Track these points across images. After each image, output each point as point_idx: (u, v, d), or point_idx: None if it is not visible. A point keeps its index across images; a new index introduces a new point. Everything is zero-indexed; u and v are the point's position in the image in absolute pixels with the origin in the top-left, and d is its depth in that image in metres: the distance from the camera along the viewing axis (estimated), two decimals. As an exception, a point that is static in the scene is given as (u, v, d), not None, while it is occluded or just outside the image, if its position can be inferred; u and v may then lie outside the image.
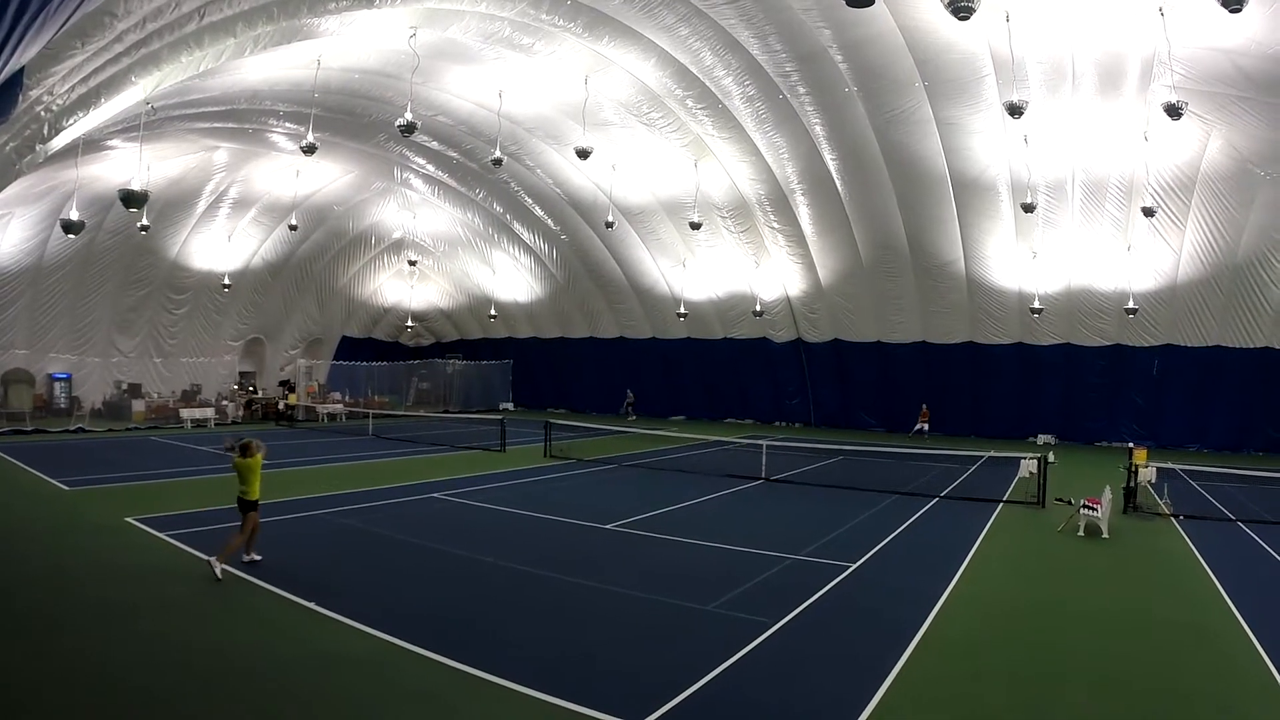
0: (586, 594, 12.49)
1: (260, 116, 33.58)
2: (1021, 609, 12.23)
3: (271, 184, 42.80)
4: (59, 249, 39.03)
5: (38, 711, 7.94)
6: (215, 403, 46.15)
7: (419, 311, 61.31)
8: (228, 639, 10.09)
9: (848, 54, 28.87)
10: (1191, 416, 38.04)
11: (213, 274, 46.17)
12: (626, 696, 8.52)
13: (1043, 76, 27.57)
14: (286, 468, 26.50)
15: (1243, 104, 26.88)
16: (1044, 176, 32.69)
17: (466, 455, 31.60)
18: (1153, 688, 9.17)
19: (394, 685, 8.78)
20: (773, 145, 35.45)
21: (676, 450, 34.15)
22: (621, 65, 31.41)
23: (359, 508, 19.43)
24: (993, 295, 39.46)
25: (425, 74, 30.37)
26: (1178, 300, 35.99)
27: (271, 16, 20.88)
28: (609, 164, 38.79)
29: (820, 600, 12.27)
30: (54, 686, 8.47)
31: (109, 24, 15.82)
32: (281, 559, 13.98)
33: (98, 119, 21.11)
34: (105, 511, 17.90)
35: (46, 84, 16.61)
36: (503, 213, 47.99)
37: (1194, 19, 22.96)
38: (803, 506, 21.28)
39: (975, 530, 18.03)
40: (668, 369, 53.11)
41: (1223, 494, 24.12)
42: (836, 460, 31.07)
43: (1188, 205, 32.27)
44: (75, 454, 29.02)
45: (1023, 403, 41.81)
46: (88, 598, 11.57)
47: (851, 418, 46.99)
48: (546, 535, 17.08)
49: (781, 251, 42.12)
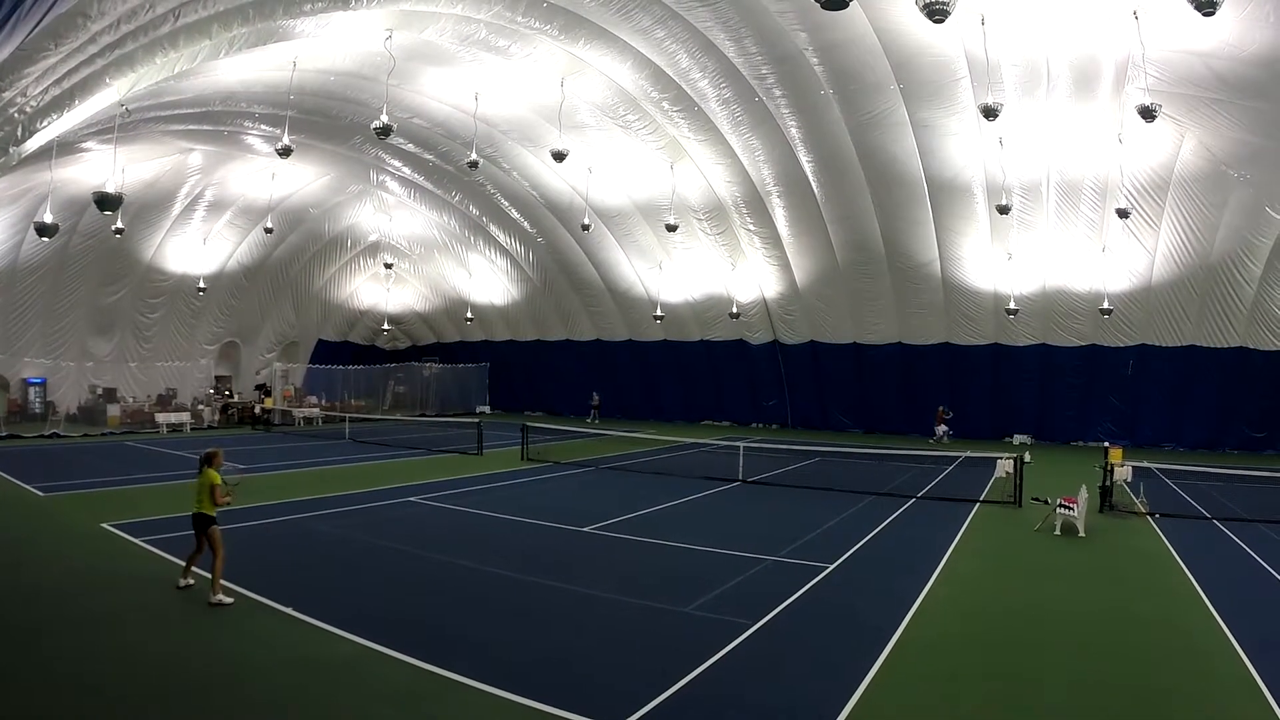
0: (565, 597, 12.44)
1: (236, 119, 33.40)
2: (998, 609, 12.27)
3: (247, 186, 42.56)
4: (33, 252, 38.68)
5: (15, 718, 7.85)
6: (191, 407, 45.87)
7: (395, 315, 61.03)
8: (205, 645, 9.99)
9: (823, 56, 28.94)
10: (1167, 416, 38.41)
11: (188, 277, 45.88)
12: (605, 699, 8.49)
13: (1018, 79, 27.72)
14: (263, 472, 26.34)
15: (1216, 106, 27.12)
16: (1019, 178, 32.86)
17: (443, 459, 31.49)
18: (1130, 686, 9.20)
19: (371, 689, 8.71)
20: (749, 148, 35.50)
21: (654, 452, 34.14)
22: (598, 68, 31.37)
23: (335, 512, 19.33)
24: (968, 296, 39.64)
25: (401, 76, 30.28)
26: (1152, 301, 36.27)
27: (247, 18, 20.78)
28: (585, 167, 38.77)
29: (798, 601, 12.27)
30: (30, 694, 8.37)
31: (83, 25, 15.71)
32: (258, 564, 13.86)
33: (72, 121, 20.96)
34: (81, 517, 17.74)
35: (20, 85, 16.48)
36: (479, 215, 47.85)
37: (1168, 22, 23.13)
38: (780, 508, 21.32)
39: (952, 530, 18.10)
40: (644, 371, 53.17)
41: (1198, 492, 24.31)
42: (813, 461, 31.15)
43: (1162, 206, 32.54)
44: (50, 459, 28.77)
45: (999, 403, 42.08)
46: (63, 604, 11.44)
47: (828, 419, 47.11)
48: (524, 538, 17.01)
49: (758, 253, 42.17)
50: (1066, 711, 8.49)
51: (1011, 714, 8.45)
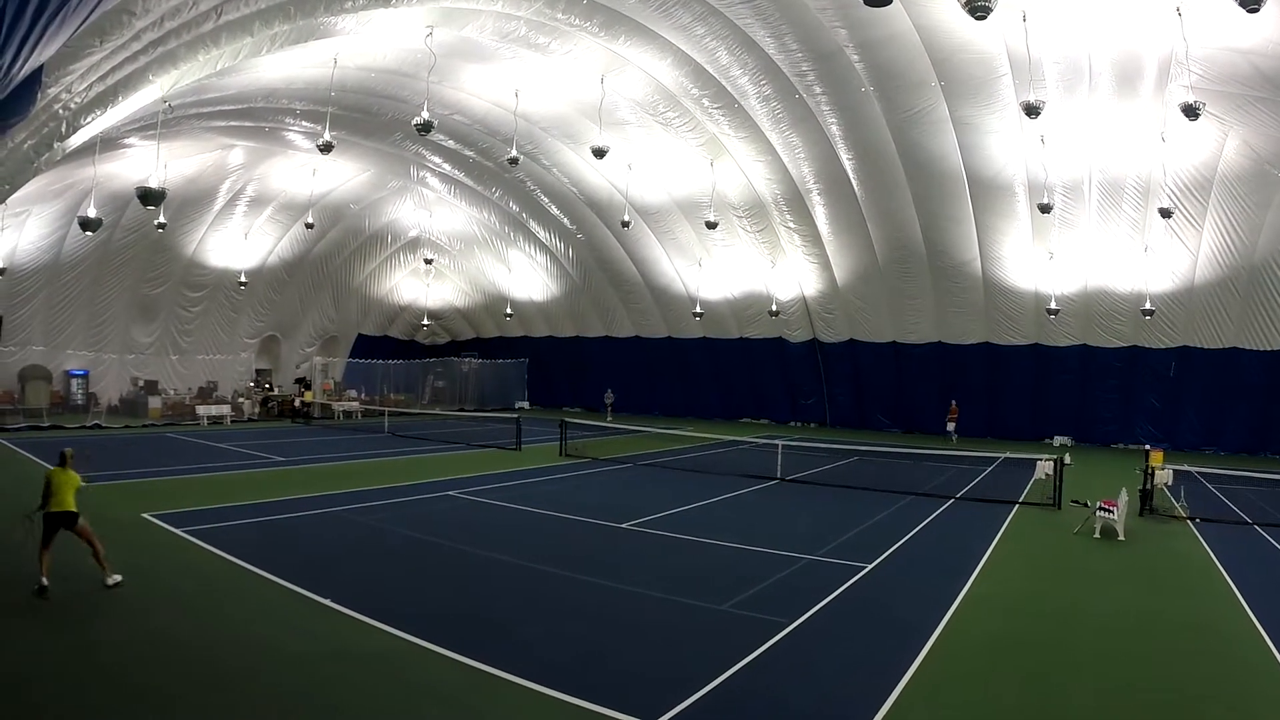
0: (602, 593, 12.52)
1: (277, 115, 33.68)
2: (1036, 611, 12.20)
3: (288, 182, 42.97)
4: (76, 246, 39.33)
5: (53, 705, 8.00)
6: (231, 400, 46.38)
7: (435, 310, 61.43)
8: (243, 635, 10.16)
9: (864, 53, 28.80)
10: (1208, 419, 37.86)
11: (229, 271, 46.45)
12: (642, 695, 8.54)
13: (1059, 76, 27.46)
14: (302, 465, 26.63)
15: (1260, 104, 26.70)
16: (1060, 177, 32.53)
17: (482, 454, 31.66)
18: (1166, 690, 9.15)
19: (409, 682, 8.83)
20: (789, 145, 35.40)
21: (692, 450, 34.17)
22: (637, 64, 31.41)
23: (375, 505, 19.50)
24: (1009, 296, 39.31)
25: (441, 73, 30.42)
26: (1194, 302, 35.80)
27: (288, 15, 20.93)
28: (625, 163, 38.78)
29: (836, 600, 12.27)
30: (68, 681, 8.53)
31: (127, 22, 15.87)
32: (296, 556, 14.09)
33: (115, 117, 21.20)
34: (122, 507, 17.97)
35: (65, 82, 16.70)
36: (519, 211, 48.05)
37: (1211, 19, 22.81)
38: (818, 507, 21.28)
39: (991, 532, 18.00)
40: (683, 369, 53.14)
41: (1239, 497, 23.98)
42: (852, 461, 31.02)
43: (1205, 206, 32.09)
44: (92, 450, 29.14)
45: (1038, 404, 41.67)
46: (104, 593, 11.62)
47: (867, 418, 46.93)
48: (562, 534, 17.12)
49: (797, 251, 42.08)
50: (1101, 714, 8.45)
51: (1048, 715, 8.42)
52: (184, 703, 8.18)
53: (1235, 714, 8.63)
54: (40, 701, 8.06)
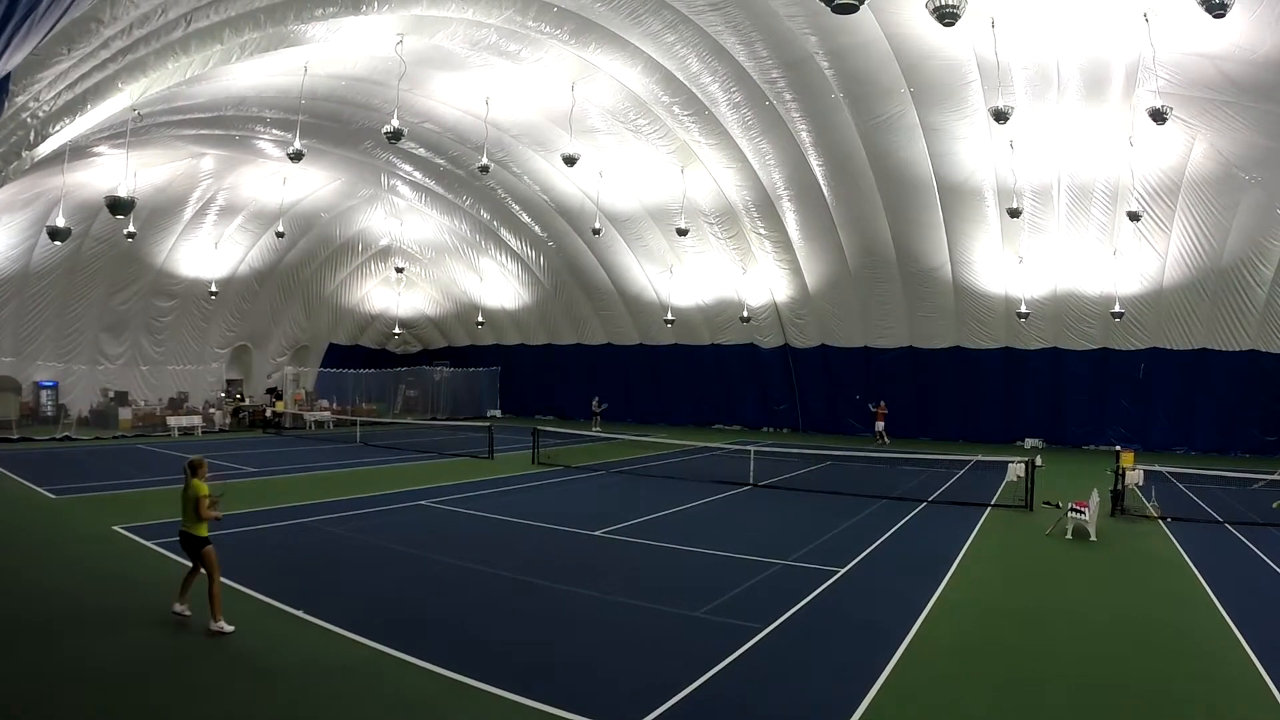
0: (575, 600, 12.47)
1: (247, 123, 33.50)
2: (1009, 613, 12.26)
3: (258, 191, 42.71)
4: (45, 256, 38.86)
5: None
6: (202, 410, 45.93)
7: (406, 319, 61.10)
8: (216, 648, 10.03)
9: (834, 60, 28.89)
10: (1178, 419, 38.23)
11: (199, 281, 46.01)
12: (616, 702, 8.54)
13: (1028, 82, 27.65)
14: (274, 476, 26.43)
15: (1227, 108, 26.99)
16: (1029, 181, 32.78)
17: (454, 462, 31.49)
18: (1141, 690, 9.20)
19: (386, 693, 8.77)
20: (759, 152, 35.48)
21: (664, 457, 34.14)
22: (608, 72, 31.42)
23: (347, 515, 19.37)
24: (979, 300, 39.57)
25: (412, 81, 30.38)
26: (1164, 304, 36.16)
27: (259, 23, 20.86)
28: (596, 171, 38.74)
29: (809, 605, 12.28)
30: (41, 696, 8.42)
31: (95, 30, 15.77)
32: (269, 568, 13.94)
33: (84, 125, 21.06)
34: (92, 520, 17.81)
35: (33, 90, 16.57)
36: (490, 220, 47.91)
37: (1178, 24, 23.04)
38: (791, 512, 21.31)
39: (963, 534, 18.07)
40: (655, 376, 53.12)
41: (1210, 496, 24.21)
42: (824, 465, 31.11)
43: (1173, 209, 32.44)
44: (62, 462, 28.87)
45: (1010, 407, 41.91)
46: (75, 606, 11.50)
47: (839, 423, 46.96)
48: (535, 542, 17.04)
49: (768, 258, 42.17)
50: (1076, 715, 8.48)
51: (1022, 718, 8.45)
52: (163, 716, 8.10)
53: (1212, 709, 8.69)
54: (20, 715, 7.95)
